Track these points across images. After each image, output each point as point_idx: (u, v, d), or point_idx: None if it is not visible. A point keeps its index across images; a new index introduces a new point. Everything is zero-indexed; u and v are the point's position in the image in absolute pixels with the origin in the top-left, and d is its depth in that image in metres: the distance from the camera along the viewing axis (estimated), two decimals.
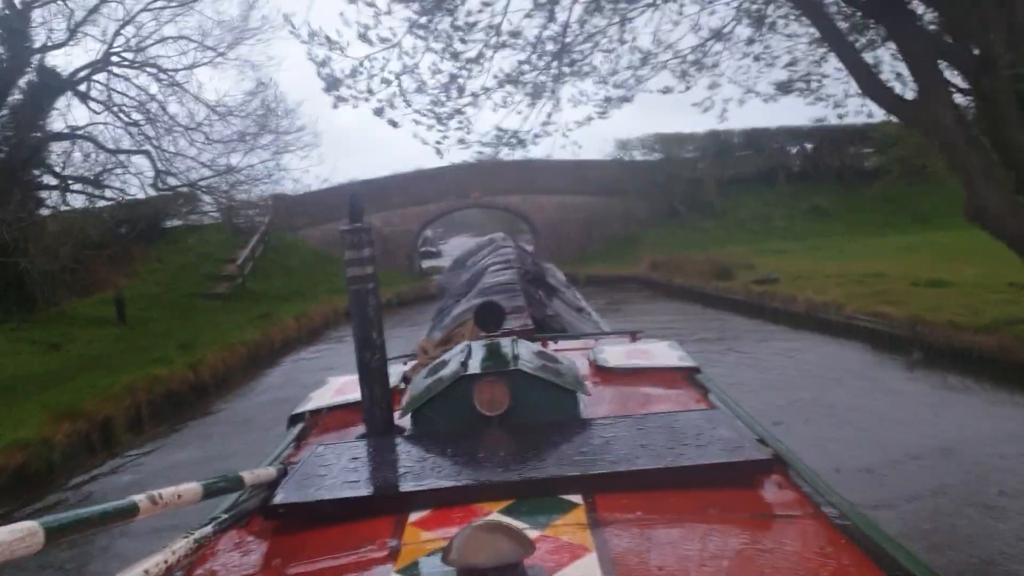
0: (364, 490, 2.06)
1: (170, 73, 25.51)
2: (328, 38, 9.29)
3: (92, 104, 25.06)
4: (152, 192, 25.49)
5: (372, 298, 2.68)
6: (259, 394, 15.75)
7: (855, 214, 35.52)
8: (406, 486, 2.04)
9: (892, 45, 9.86)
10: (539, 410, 2.50)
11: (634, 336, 4.33)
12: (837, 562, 1.58)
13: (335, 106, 9.74)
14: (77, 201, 25.75)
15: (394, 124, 9.88)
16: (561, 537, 1.66)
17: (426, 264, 44.16)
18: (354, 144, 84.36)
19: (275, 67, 45.24)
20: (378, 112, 9.79)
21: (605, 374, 3.38)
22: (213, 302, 27.16)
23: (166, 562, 1.57)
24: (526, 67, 9.81)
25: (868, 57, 10.23)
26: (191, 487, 1.76)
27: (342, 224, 2.70)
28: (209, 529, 1.90)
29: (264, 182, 27.17)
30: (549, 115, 10.08)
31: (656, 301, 25.61)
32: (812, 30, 10.22)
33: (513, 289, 6.08)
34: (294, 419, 3.30)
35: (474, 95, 9.69)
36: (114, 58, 24.83)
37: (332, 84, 9.59)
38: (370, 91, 9.65)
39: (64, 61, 26.57)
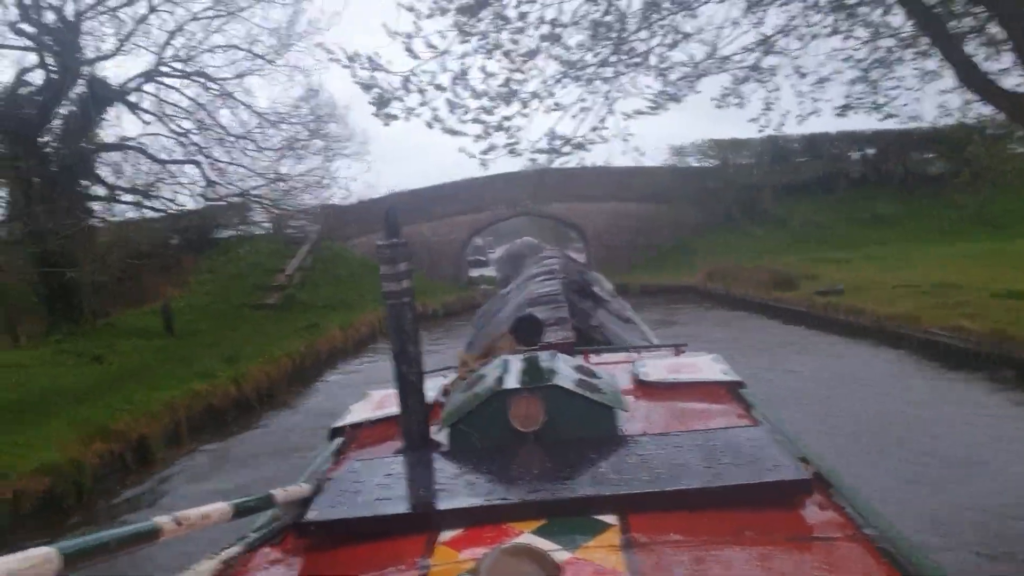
0: (397, 507, 2.05)
1: (220, 82, 25.25)
2: (370, 59, 8.74)
3: (142, 114, 24.87)
4: (202, 202, 25.11)
5: (408, 312, 2.66)
6: (298, 413, 15.21)
7: (919, 221, 34.25)
8: (439, 504, 2.04)
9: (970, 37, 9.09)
10: (576, 426, 2.46)
11: (678, 349, 4.27)
12: None
13: (386, 124, 9.16)
14: (127, 211, 25.57)
15: (453, 132, 9.26)
16: (593, 559, 1.64)
17: (474, 273, 43.65)
18: (391, 152, 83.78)
19: (324, 70, 44.51)
20: (432, 124, 9.21)
21: (646, 388, 3.31)
22: (263, 312, 26.97)
23: None
24: (583, 60, 9.12)
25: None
26: (220, 507, 1.72)
27: (379, 239, 2.68)
28: (237, 549, 1.88)
29: (314, 190, 26.75)
30: (602, 119, 9.36)
31: (714, 311, 24.77)
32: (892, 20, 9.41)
33: (557, 300, 5.97)
34: (334, 432, 3.29)
35: (524, 102, 9.02)
36: (164, 68, 24.62)
37: (381, 104, 9.02)
38: (423, 103, 9.08)
39: (114, 72, 26.01)
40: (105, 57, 23.50)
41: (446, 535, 1.88)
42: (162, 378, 15.91)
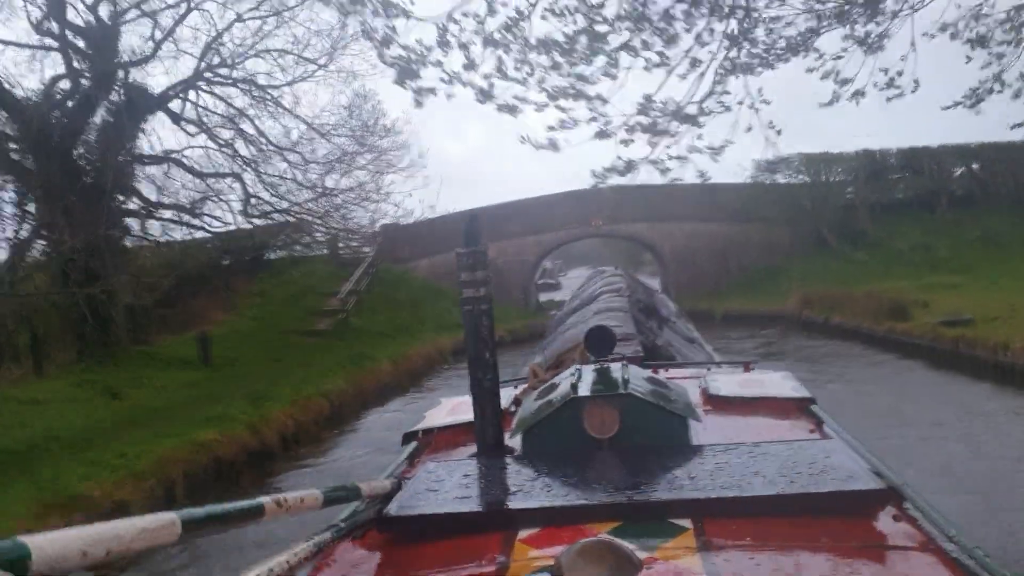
0: (475, 506, 2.12)
1: (268, 90, 23.26)
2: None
3: (185, 125, 23.00)
4: (242, 219, 23.10)
5: (486, 319, 2.69)
6: (323, 467, 12.72)
7: None
8: (515, 504, 2.08)
9: None
10: (649, 434, 2.49)
11: (747, 366, 4.21)
12: None
13: (418, 104, 6.65)
14: (173, 231, 23.78)
15: (511, 110, 6.69)
16: (670, 560, 1.65)
17: (543, 297, 41.17)
18: (457, 176, 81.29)
19: (378, 75, 41.50)
20: (483, 97, 6.69)
21: (717, 403, 3.31)
22: (313, 339, 24.97)
23: (288, 563, 1.55)
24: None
25: None
26: (313, 493, 1.76)
27: (459, 248, 2.72)
28: (328, 535, 1.89)
29: (365, 206, 24.45)
30: (721, 80, 6.75)
31: (814, 344, 21.74)
32: None
33: (623, 317, 5.96)
34: (407, 437, 3.35)
35: (612, 57, 6.41)
36: (207, 74, 22.74)
37: (406, 71, 6.49)
38: (467, 65, 6.53)
39: (153, 80, 24.14)
40: (142, 61, 21.64)
41: (524, 533, 1.90)
42: (178, 420, 13.78)
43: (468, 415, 2.84)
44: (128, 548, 1.10)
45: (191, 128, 23.13)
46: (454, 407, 3.61)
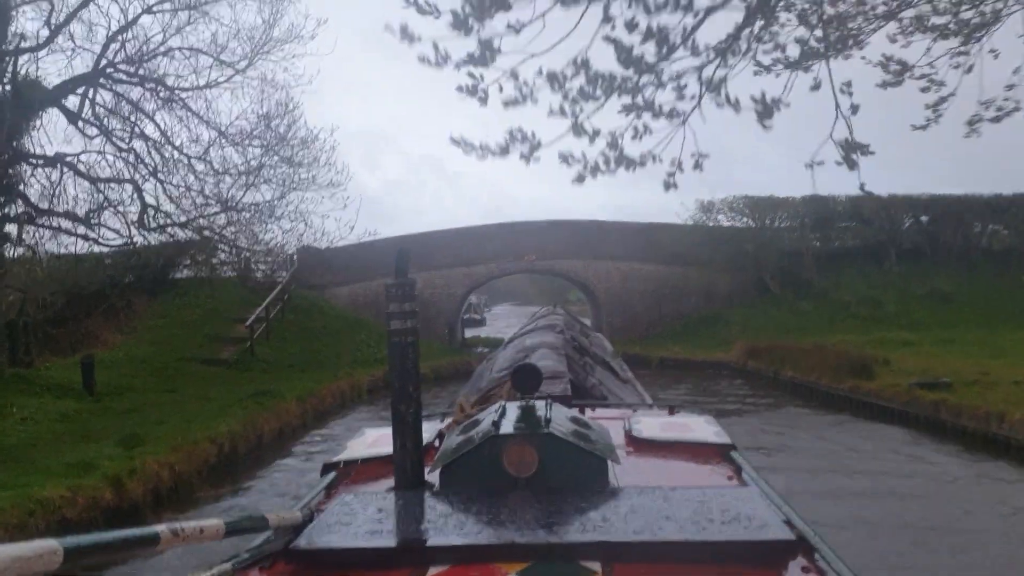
0: (387, 541, 2.09)
1: (177, 92, 20.87)
2: None
3: (83, 126, 20.48)
4: (137, 233, 20.55)
5: (412, 352, 2.69)
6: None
7: (986, 302, 29.68)
8: (428, 540, 2.06)
9: None
10: (568, 475, 2.47)
11: (672, 409, 4.20)
12: None
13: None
14: (66, 243, 21.20)
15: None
16: None
17: (468, 333, 39.07)
18: (374, 209, 77.82)
19: (305, 88, 38.12)
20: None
21: (638, 444, 3.32)
22: (214, 369, 22.59)
23: None
24: None
25: None
26: (213, 523, 1.70)
27: (388, 279, 2.76)
28: (228, 567, 1.84)
29: (279, 224, 22.00)
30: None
31: (763, 401, 19.97)
32: None
33: (555, 354, 5.92)
34: (327, 468, 3.28)
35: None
36: (109, 70, 20.28)
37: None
38: None
39: (48, 73, 21.40)
40: (34, 48, 19.14)
41: (434, 570, 1.90)
42: (29, 464, 11.35)
43: (389, 448, 2.77)
44: None
45: (90, 130, 20.61)
46: (376, 439, 3.54)
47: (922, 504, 10.67)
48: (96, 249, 21.92)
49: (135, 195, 20.31)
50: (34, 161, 19.95)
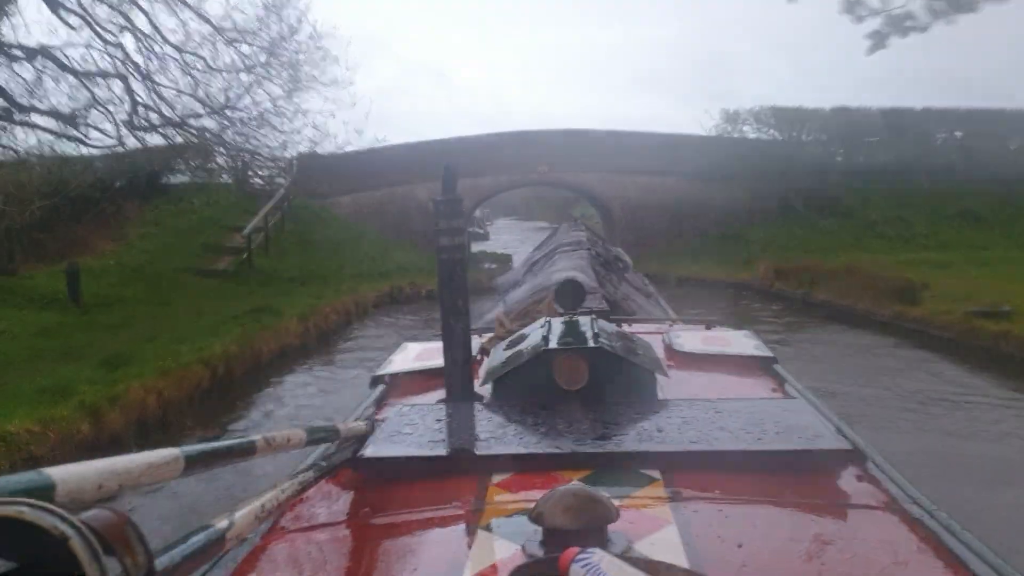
0: (448, 449, 2.10)
1: None
2: None
3: (65, 15, 18.78)
4: (127, 133, 18.99)
5: (460, 268, 2.70)
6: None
7: (1020, 224, 28.28)
8: (489, 449, 2.07)
9: None
10: (617, 388, 2.52)
11: (709, 324, 4.16)
12: (914, 555, 1.57)
13: None
14: (50, 144, 19.80)
15: None
16: (641, 509, 1.68)
17: (474, 248, 37.60)
18: (380, 111, 74.63)
19: None
20: None
21: (680, 358, 3.33)
22: (210, 280, 21.32)
23: (276, 499, 1.53)
24: None
25: None
26: (297, 432, 1.71)
27: (436, 196, 2.71)
28: (311, 474, 1.85)
29: (277, 125, 20.30)
30: None
31: (801, 325, 18.59)
32: None
33: (584, 269, 5.89)
34: (375, 380, 3.30)
35: None
36: None
37: None
38: None
39: None
40: None
41: (497, 478, 1.92)
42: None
43: (434, 361, 2.89)
44: (137, 482, 1.10)
45: (74, 20, 18.92)
46: (420, 353, 3.56)
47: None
48: (85, 151, 20.49)
49: (126, 93, 18.73)
50: (13, 52, 18.36)
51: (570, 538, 1.32)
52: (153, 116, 18.69)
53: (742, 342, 3.57)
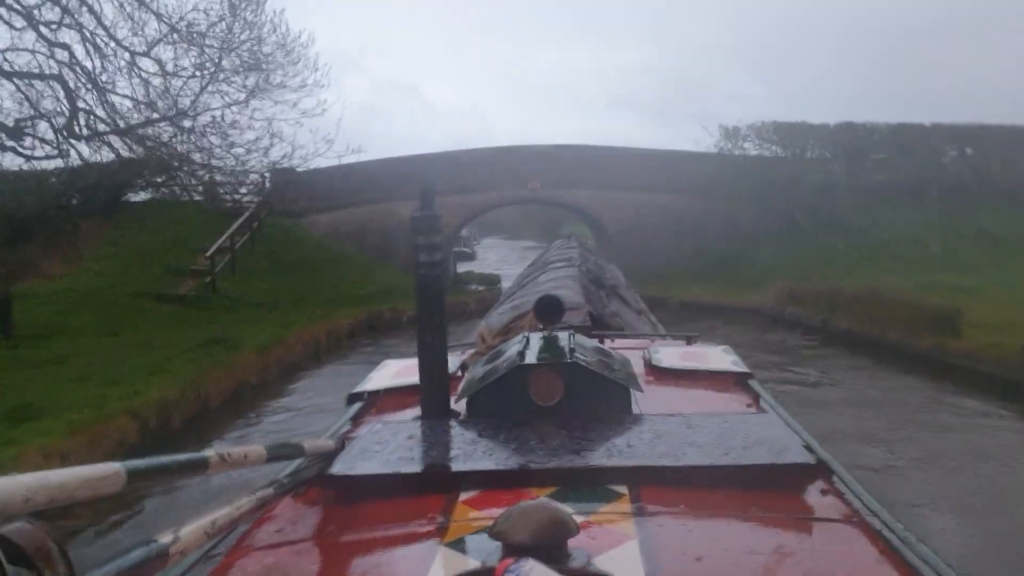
0: (417, 467, 2.09)
1: None
2: None
3: (6, 13, 16.86)
4: (61, 140, 16.98)
5: (437, 284, 2.65)
6: None
7: None
8: (458, 466, 2.06)
9: None
10: (592, 403, 2.48)
11: (690, 340, 4.29)
12: (872, 566, 1.57)
13: None
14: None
15: None
16: (604, 524, 1.69)
17: (460, 268, 35.68)
18: (344, 137, 71.35)
19: None
20: None
21: (658, 373, 3.36)
22: (169, 307, 19.49)
23: (231, 516, 1.53)
24: None
25: None
26: (256, 448, 1.72)
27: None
28: (271, 491, 1.85)
29: (234, 135, 18.16)
30: None
31: (829, 359, 16.65)
32: None
33: (572, 285, 5.86)
34: (352, 398, 3.30)
35: None
36: None
37: None
38: None
39: None
40: None
41: (465, 495, 1.91)
42: None
43: (413, 378, 2.78)
44: (71, 497, 1.09)
45: (16, 20, 16.99)
46: (399, 370, 3.52)
47: None
48: (32, 166, 18.52)
49: (65, 97, 16.76)
50: None
51: (530, 554, 1.29)
52: (99, 124, 16.70)
53: (720, 357, 3.62)
